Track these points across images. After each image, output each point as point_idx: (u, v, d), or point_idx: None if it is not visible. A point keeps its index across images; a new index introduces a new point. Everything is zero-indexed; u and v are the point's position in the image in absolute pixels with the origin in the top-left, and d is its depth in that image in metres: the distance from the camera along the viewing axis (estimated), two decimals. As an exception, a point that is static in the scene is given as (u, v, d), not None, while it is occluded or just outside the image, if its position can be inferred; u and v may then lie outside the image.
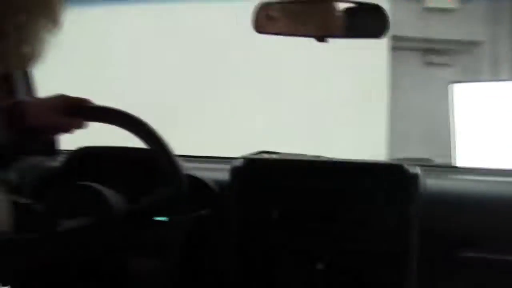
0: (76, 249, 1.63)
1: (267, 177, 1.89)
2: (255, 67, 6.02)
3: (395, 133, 6.54)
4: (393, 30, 1.84)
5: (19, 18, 1.15)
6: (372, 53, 6.14)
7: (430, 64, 7.36)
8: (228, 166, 1.98)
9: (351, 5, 1.88)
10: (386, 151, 6.34)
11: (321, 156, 2.22)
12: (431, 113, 6.32)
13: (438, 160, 3.02)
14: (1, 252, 1.47)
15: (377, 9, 1.84)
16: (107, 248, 1.66)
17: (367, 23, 1.86)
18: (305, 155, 2.26)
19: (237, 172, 1.91)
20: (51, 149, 2.37)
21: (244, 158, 1.96)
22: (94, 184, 1.75)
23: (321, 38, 1.88)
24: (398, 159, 5.74)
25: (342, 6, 1.88)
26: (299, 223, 1.84)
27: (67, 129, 1.72)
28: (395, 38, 6.28)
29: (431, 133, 6.28)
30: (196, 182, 1.94)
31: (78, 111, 1.68)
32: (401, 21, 6.27)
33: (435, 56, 7.35)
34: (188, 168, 1.94)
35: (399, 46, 6.75)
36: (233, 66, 6.04)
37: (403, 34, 6.54)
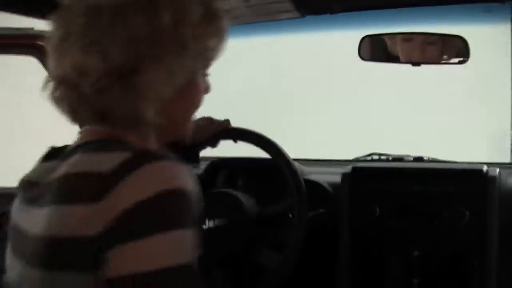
0: (218, 244, 1.83)
1: (369, 182, 2.18)
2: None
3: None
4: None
5: None
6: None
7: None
8: (340, 169, 2.27)
9: (439, 36, 2.19)
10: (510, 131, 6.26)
11: (423, 157, 2.52)
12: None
13: None
14: None
15: (461, 39, 2.15)
16: (242, 243, 1.83)
17: (452, 51, 2.17)
18: (409, 156, 2.57)
19: (346, 177, 2.21)
20: (196, 158, 2.75)
21: (353, 166, 2.24)
22: (230, 190, 2.02)
23: (415, 64, 2.20)
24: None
25: (432, 37, 2.19)
26: (396, 219, 2.12)
27: (214, 145, 1.92)
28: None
29: None
30: (315, 186, 2.24)
31: (225, 133, 1.89)
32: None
33: None
34: (307, 172, 2.29)
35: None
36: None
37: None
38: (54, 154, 1.23)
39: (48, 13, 1.21)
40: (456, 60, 2.17)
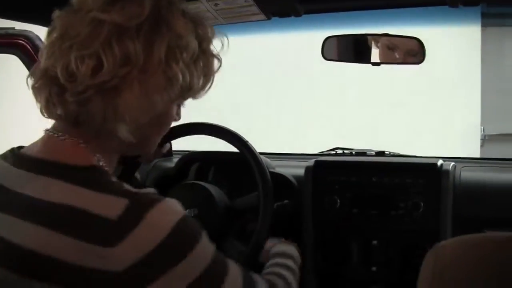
0: None
1: (330, 175, 2.28)
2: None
3: (488, 108, 6.40)
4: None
5: None
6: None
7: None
8: (305, 163, 2.38)
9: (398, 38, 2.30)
10: (480, 126, 6.35)
11: (384, 152, 2.62)
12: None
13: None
14: None
15: (418, 40, 2.27)
16: (211, 233, 1.91)
17: (409, 51, 2.29)
18: (371, 151, 2.67)
19: (309, 170, 2.32)
20: (168, 153, 2.78)
21: (315, 160, 2.35)
22: (202, 183, 2.09)
23: (375, 64, 2.31)
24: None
25: (390, 38, 2.31)
26: (356, 209, 2.24)
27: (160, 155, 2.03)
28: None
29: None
30: (280, 178, 2.32)
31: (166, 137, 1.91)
32: None
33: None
34: (273, 165, 2.38)
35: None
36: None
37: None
38: (20, 158, 1.30)
39: (46, 19, 1.29)
40: (413, 60, 2.29)
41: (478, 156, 6.04)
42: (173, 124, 1.45)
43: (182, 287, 1.20)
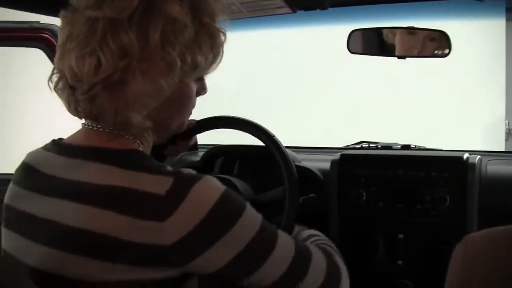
0: None
1: (356, 168, 2.28)
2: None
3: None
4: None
5: None
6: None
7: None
8: (331, 157, 2.38)
9: (423, 31, 2.29)
10: (505, 120, 6.33)
11: (410, 145, 2.61)
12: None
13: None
14: None
15: (443, 33, 2.26)
16: None
17: (435, 44, 2.28)
18: (397, 144, 2.66)
19: (335, 164, 2.32)
20: (194, 146, 2.72)
21: (341, 153, 2.34)
22: (228, 176, 2.10)
23: (401, 57, 2.31)
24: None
25: (415, 31, 2.30)
26: (382, 203, 2.23)
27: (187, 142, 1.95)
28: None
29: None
30: (306, 172, 2.33)
31: (192, 131, 1.90)
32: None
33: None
34: (299, 159, 2.39)
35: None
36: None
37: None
38: (61, 147, 1.35)
39: (57, 10, 1.31)
40: (439, 53, 2.27)
41: (503, 149, 6.01)
42: (197, 115, 1.47)
43: (232, 255, 1.25)
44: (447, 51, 2.23)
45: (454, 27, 2.28)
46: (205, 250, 1.22)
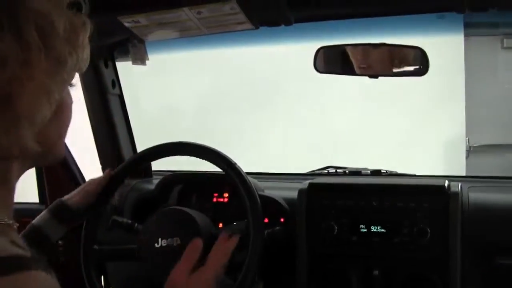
0: (168, 265, 1.68)
1: (327, 199, 2.11)
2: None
3: (472, 119, 6.26)
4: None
5: None
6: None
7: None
8: (297, 184, 2.23)
9: (397, 48, 2.13)
10: (465, 137, 6.23)
11: (381, 171, 2.48)
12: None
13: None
14: None
15: (420, 50, 2.10)
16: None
17: (411, 62, 2.12)
18: (366, 169, 2.52)
19: (303, 193, 2.15)
20: (147, 173, 2.67)
21: (310, 182, 2.18)
22: (185, 208, 1.93)
23: (373, 76, 2.15)
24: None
25: (390, 49, 2.14)
26: (355, 236, 2.07)
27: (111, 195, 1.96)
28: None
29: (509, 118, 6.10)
30: (271, 202, 2.19)
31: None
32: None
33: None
34: (262, 187, 2.23)
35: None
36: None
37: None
38: None
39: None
40: (415, 72, 2.11)
41: (464, 167, 6.00)
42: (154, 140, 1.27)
43: None
44: (423, 69, 2.06)
45: (412, 42, 2.13)
46: None
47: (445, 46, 6.05)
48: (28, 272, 0.95)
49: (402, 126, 6.16)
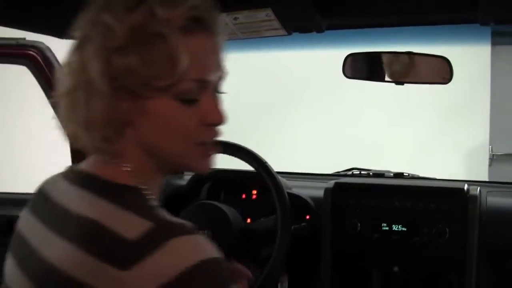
0: None
1: (351, 198, 2.19)
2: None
3: (496, 128, 6.20)
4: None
5: None
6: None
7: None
8: (322, 184, 2.31)
9: (423, 56, 2.22)
10: (488, 145, 6.19)
11: (403, 173, 2.55)
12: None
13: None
14: None
15: (444, 59, 2.18)
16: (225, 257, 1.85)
17: (436, 71, 2.20)
18: (389, 172, 2.60)
19: (329, 192, 2.23)
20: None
21: (335, 181, 2.26)
22: (216, 202, 2.04)
23: (399, 83, 2.23)
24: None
25: (416, 57, 2.22)
26: (377, 234, 2.15)
27: None
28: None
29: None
30: (298, 200, 2.26)
31: None
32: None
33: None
34: (290, 186, 2.32)
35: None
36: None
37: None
38: (73, 175, 1.23)
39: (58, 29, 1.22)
40: (439, 80, 2.19)
41: (486, 174, 5.98)
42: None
43: None
44: (448, 78, 2.14)
45: (438, 51, 2.20)
46: None
47: (471, 55, 6.07)
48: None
49: (426, 132, 6.16)
